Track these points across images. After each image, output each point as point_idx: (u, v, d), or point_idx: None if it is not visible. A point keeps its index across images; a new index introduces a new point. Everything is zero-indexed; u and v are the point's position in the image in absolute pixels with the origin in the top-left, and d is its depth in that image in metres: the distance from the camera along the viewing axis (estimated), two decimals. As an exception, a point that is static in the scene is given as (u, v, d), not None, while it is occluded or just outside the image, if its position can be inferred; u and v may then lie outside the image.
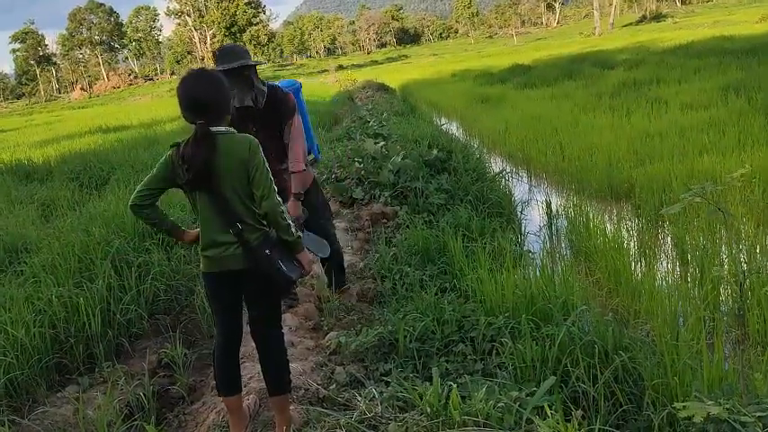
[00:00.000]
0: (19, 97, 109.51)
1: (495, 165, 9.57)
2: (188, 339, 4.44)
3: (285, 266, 2.69)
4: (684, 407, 2.31)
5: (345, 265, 5.26)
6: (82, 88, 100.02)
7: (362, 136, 9.29)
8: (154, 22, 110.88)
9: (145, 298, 4.62)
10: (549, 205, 6.75)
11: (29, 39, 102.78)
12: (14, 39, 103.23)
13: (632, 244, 5.61)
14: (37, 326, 3.83)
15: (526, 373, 3.19)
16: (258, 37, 74.15)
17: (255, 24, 74.40)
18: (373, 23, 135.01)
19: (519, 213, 6.81)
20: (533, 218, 6.84)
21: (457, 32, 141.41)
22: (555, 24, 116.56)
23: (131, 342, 4.33)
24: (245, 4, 72.88)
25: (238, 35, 73.02)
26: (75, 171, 10.43)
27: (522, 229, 6.21)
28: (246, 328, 3.00)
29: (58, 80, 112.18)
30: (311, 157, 4.60)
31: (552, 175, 8.81)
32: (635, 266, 5.05)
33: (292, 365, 3.48)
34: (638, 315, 4.06)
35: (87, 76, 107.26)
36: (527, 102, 15.14)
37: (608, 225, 5.85)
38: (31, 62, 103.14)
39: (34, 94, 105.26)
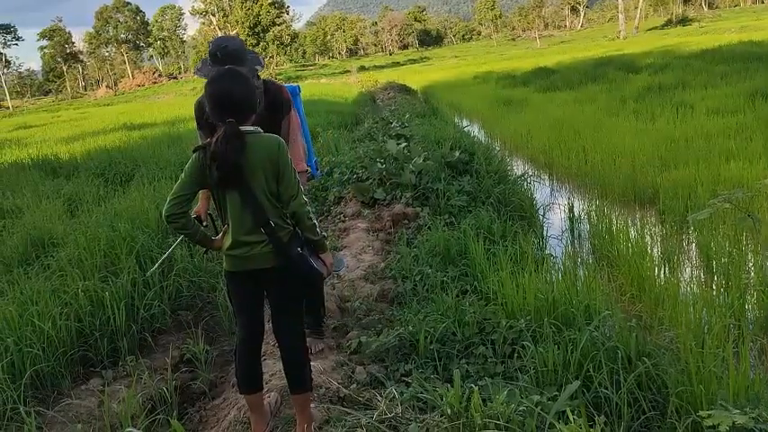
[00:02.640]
0: (46, 94, 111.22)
1: (518, 168, 9.53)
2: (209, 336, 4.49)
3: (315, 263, 2.75)
4: (710, 415, 2.28)
5: (366, 266, 5.29)
6: (107, 86, 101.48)
7: (385, 137, 9.30)
8: (179, 21, 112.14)
9: (168, 294, 4.67)
10: (571, 209, 6.70)
11: (56, 36, 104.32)
12: (42, 36, 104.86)
13: (656, 250, 5.55)
14: (63, 319, 3.89)
15: (548, 377, 3.18)
16: (281, 37, 74.46)
17: (279, 24, 74.74)
18: (396, 25, 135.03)
19: (541, 217, 6.77)
20: (555, 222, 6.80)
21: (479, 35, 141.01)
22: (579, 27, 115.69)
23: (154, 337, 4.38)
24: (269, 4, 73.25)
25: (261, 35, 73.45)
26: (100, 167, 10.57)
27: (544, 232, 6.17)
28: (268, 326, 3.03)
29: (84, 77, 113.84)
30: (309, 171, 4.15)
31: (575, 178, 8.75)
32: (658, 272, 5.00)
33: (313, 364, 3.50)
34: (662, 322, 4.01)
35: (113, 73, 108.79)
36: (550, 105, 15.06)
37: (631, 230, 5.79)
38: (58, 59, 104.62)
39: (61, 91, 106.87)
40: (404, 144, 7.75)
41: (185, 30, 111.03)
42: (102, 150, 13.24)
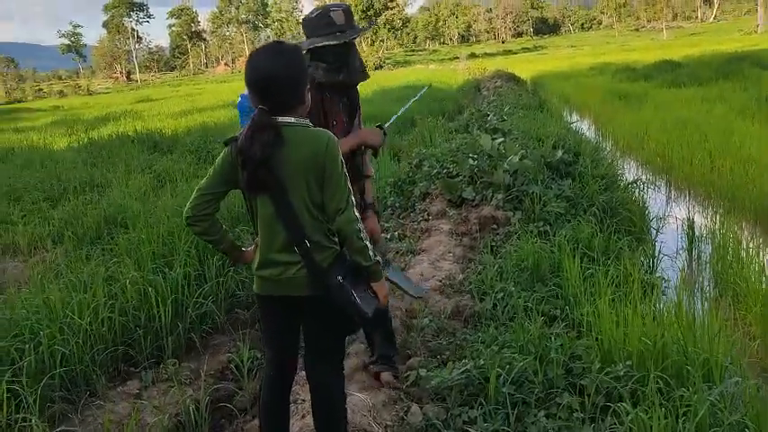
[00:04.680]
0: (171, 69, 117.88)
1: (629, 172, 8.55)
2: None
3: (359, 298, 2.19)
4: None
5: (443, 276, 4.72)
6: (226, 64, 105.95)
7: (479, 130, 8.58)
8: (296, 3, 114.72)
9: (225, 290, 4.31)
10: (690, 225, 5.77)
11: (184, 15, 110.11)
12: (171, 15, 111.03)
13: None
14: (107, 311, 3.60)
15: (649, 453, 2.50)
16: (393, 21, 74.29)
17: (391, 9, 74.54)
18: (511, 12, 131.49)
19: (653, 232, 5.90)
20: (670, 238, 5.88)
21: (600, 24, 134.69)
22: (711, 19, 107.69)
23: (205, 337, 4.04)
24: (384, -13, 73.31)
25: (374, 18, 73.64)
26: (194, 144, 10.58)
27: (656, 251, 5.33)
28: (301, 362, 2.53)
29: (206, 55, 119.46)
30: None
31: (697, 187, 7.70)
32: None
33: (360, 396, 3.00)
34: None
35: (232, 52, 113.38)
36: (672, 102, 13.65)
37: (767, 257, 4.85)
38: (184, 37, 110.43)
39: (184, 67, 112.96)
40: (500, 140, 7.04)
41: (301, 11, 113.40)
42: (202, 127, 13.39)
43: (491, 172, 6.15)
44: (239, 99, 3.68)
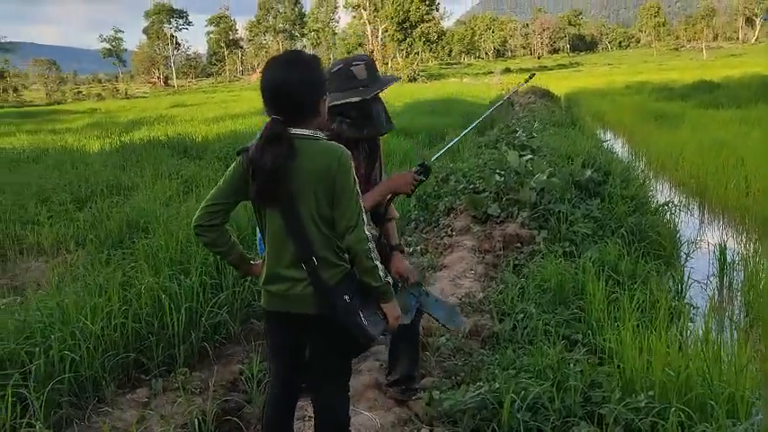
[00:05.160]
0: (208, 76, 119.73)
1: (661, 193, 8.34)
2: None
3: (367, 320, 2.12)
4: None
5: (463, 293, 4.62)
6: (261, 72, 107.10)
7: (507, 146, 8.46)
8: (333, 14, 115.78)
9: (241, 299, 4.27)
10: (722, 250, 5.57)
11: (222, 23, 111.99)
12: (210, 22, 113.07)
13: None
14: (120, 317, 3.58)
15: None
16: (428, 34, 74.40)
17: (427, 21, 74.70)
18: (547, 28, 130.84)
19: (683, 256, 5.72)
20: (700, 264, 5.69)
21: (638, 42, 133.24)
22: (753, 41, 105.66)
23: (219, 347, 3.99)
24: (420, 0, 73.43)
25: (409, 30, 73.87)
26: (223, 151, 10.64)
27: (685, 276, 5.15)
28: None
29: (242, 62, 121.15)
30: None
31: (731, 212, 7.47)
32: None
33: (368, 415, 2.92)
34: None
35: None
36: (710, 123, 13.34)
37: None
38: (222, 44, 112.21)
39: (220, 74, 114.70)
40: (528, 156, 6.93)
41: (338, 22, 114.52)
42: (233, 134, 13.48)
43: (517, 189, 6.04)
44: None
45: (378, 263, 2.13)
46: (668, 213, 6.58)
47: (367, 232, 2.10)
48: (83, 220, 6.19)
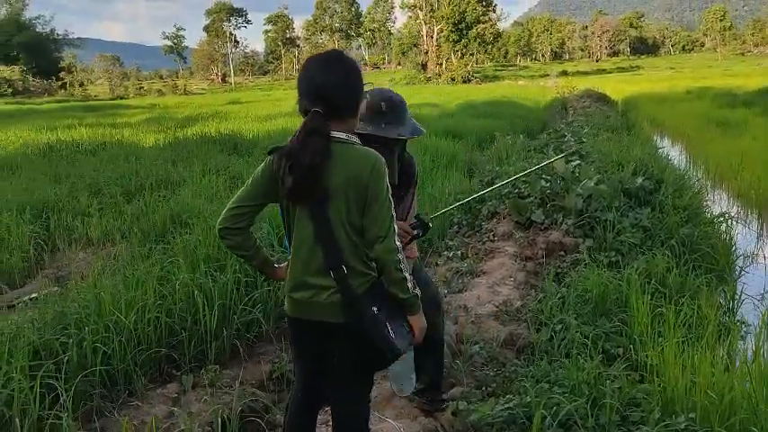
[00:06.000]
0: (264, 74, 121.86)
1: (718, 204, 7.99)
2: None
3: (394, 332, 2.05)
4: None
5: (500, 301, 4.50)
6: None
7: (555, 151, 8.24)
8: (389, 14, 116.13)
9: (275, 298, 4.27)
10: (780, 266, 5.29)
11: (280, 22, 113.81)
12: (268, 21, 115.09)
13: None
14: (154, 312, 3.62)
15: None
16: (484, 35, 73.67)
17: (483, 22, 73.97)
18: (608, 30, 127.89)
19: (737, 270, 5.44)
20: (756, 280, 5.41)
21: (703, 46, 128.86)
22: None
23: (251, 345, 3.99)
24: (476, 1, 72.78)
25: (464, 32, 73.28)
26: (272, 148, 10.72)
27: (738, 292, 4.90)
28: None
29: (298, 61, 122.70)
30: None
31: (793, 226, 7.09)
32: None
33: (394, 423, 2.87)
34: None
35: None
36: (774, 132, 12.73)
37: None
38: (279, 43, 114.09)
39: (276, 72, 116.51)
40: (576, 162, 6.73)
41: (394, 23, 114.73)
42: (284, 131, 13.59)
43: (563, 195, 5.87)
44: None
45: (407, 274, 2.07)
46: (724, 225, 6.28)
47: (397, 243, 2.04)
48: (130, 213, 6.33)
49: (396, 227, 2.05)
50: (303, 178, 2.00)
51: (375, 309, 2.04)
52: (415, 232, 2.76)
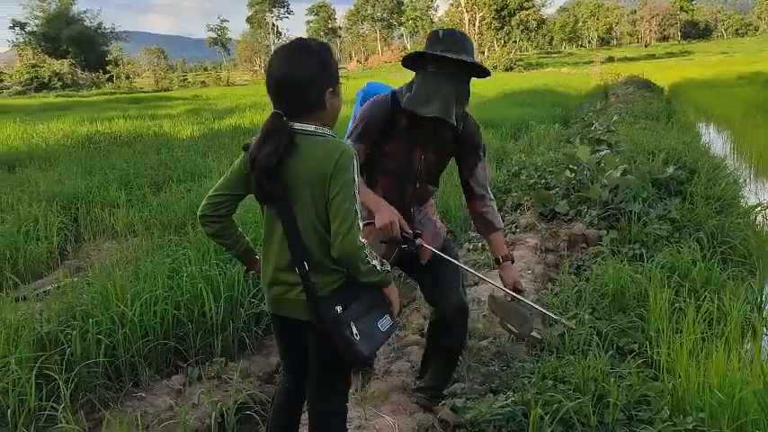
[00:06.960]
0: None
1: (757, 195, 7.65)
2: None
3: (359, 333, 1.98)
4: None
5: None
6: (358, 60, 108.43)
7: (582, 140, 8.00)
8: (431, 2, 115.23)
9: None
10: (818, 259, 5.02)
11: (322, 12, 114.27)
12: (310, 11, 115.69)
13: None
14: (161, 303, 3.65)
15: None
16: (527, 22, 72.44)
17: (527, 9, 72.72)
18: (657, 14, 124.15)
19: (769, 264, 5.20)
20: (791, 274, 5.16)
21: (757, 30, 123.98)
22: None
23: (260, 338, 4.00)
24: (520, -13, 71.71)
25: (507, 18, 72.21)
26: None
27: (766, 286, 4.67)
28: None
29: (340, 51, 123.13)
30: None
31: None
32: None
33: (388, 419, 2.82)
34: None
35: (365, 49, 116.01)
36: (826, 118, 12.14)
37: None
38: (321, 33, 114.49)
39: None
40: (605, 151, 6.52)
41: (436, 11, 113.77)
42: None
43: (588, 186, 5.70)
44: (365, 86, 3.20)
45: (375, 260, 2.00)
46: (759, 216, 6.01)
47: (361, 240, 1.95)
48: (155, 205, 6.41)
49: (361, 224, 1.96)
50: (262, 180, 1.96)
51: (339, 308, 1.97)
52: (405, 237, 2.58)
